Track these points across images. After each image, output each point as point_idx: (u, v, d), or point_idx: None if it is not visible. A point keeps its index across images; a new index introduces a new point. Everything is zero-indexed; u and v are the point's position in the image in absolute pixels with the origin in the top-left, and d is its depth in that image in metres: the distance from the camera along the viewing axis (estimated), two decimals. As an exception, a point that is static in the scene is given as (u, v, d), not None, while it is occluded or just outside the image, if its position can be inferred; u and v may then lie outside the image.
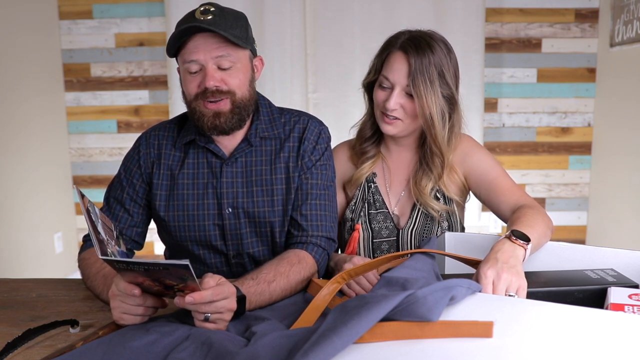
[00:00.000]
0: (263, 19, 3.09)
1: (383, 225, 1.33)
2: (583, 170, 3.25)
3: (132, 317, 0.92)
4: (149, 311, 0.93)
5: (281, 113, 1.32)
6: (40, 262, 3.03)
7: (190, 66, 1.16)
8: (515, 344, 0.65)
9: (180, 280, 0.86)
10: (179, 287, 0.87)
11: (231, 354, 0.74)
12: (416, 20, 3.01)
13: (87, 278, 1.15)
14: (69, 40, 3.24)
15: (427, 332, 0.67)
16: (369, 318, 0.65)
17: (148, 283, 0.88)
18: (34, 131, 3.00)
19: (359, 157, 1.38)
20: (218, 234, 1.26)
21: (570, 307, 0.74)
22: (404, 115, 1.26)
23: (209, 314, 0.89)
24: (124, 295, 0.91)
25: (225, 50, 1.15)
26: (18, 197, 2.87)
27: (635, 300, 0.80)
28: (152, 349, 0.80)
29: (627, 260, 1.00)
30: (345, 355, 0.64)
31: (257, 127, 1.26)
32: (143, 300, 0.91)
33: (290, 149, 1.27)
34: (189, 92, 1.20)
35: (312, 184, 1.26)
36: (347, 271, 1.05)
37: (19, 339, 0.88)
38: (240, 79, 1.19)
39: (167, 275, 0.85)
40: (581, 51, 3.13)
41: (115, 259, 0.87)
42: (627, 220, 2.78)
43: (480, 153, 1.33)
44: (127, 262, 0.85)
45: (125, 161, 1.32)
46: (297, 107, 3.16)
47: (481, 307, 0.75)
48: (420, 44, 1.23)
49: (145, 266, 0.83)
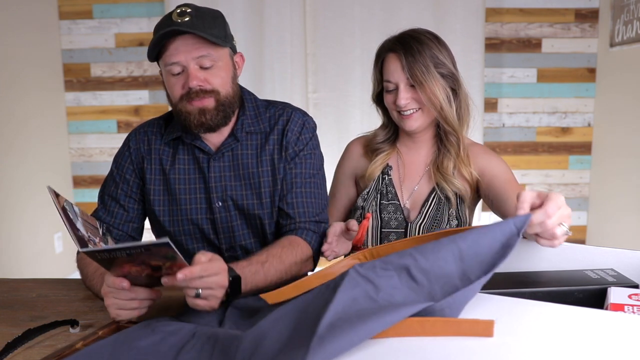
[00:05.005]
0: (263, 19, 3.09)
1: (393, 216, 1.37)
2: (583, 170, 3.25)
3: (127, 312, 0.93)
4: (143, 304, 0.94)
5: (267, 107, 1.33)
6: (40, 262, 3.03)
7: (173, 68, 1.18)
8: (515, 343, 0.65)
9: (165, 259, 0.85)
10: (166, 266, 0.87)
11: (238, 339, 0.74)
12: (416, 20, 3.01)
13: (85, 277, 1.16)
14: (69, 40, 3.24)
15: (428, 329, 0.67)
16: (386, 320, 0.65)
17: (135, 270, 0.88)
18: (34, 131, 3.00)
19: (373, 152, 1.43)
20: (210, 228, 1.28)
21: (570, 307, 0.74)
22: (417, 104, 1.31)
23: (199, 291, 0.90)
24: (116, 291, 0.91)
25: (205, 50, 1.16)
26: (18, 197, 2.87)
27: (635, 300, 0.80)
28: (159, 349, 0.80)
29: (627, 260, 1.00)
30: (347, 351, 0.64)
31: (243, 122, 1.28)
32: (135, 293, 0.92)
33: (275, 142, 1.29)
34: (173, 94, 1.21)
35: (296, 173, 1.28)
36: (370, 250, 1.06)
37: (19, 339, 0.88)
38: (223, 77, 1.21)
39: (151, 257, 0.85)
40: (581, 51, 3.14)
41: (96, 249, 0.87)
42: (627, 220, 2.78)
43: (499, 159, 1.39)
44: (108, 249, 0.84)
45: (117, 158, 1.34)
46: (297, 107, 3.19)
47: (481, 306, 0.75)
48: (405, 39, 1.31)
49: (126, 251, 0.83)
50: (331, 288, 0.74)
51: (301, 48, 3.12)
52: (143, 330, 0.85)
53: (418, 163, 1.41)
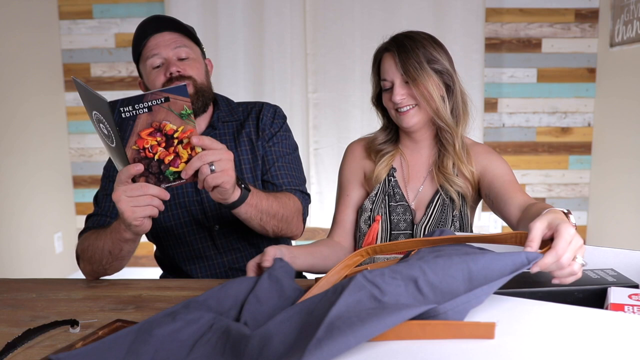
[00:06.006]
0: (263, 19, 3.09)
1: (402, 217, 1.36)
2: (583, 170, 3.25)
3: (142, 209, 1.01)
4: (155, 201, 1.01)
5: (239, 104, 1.48)
6: (40, 262, 3.03)
7: (154, 60, 1.32)
8: (515, 343, 0.65)
9: (180, 119, 0.96)
10: (179, 132, 0.97)
11: (246, 338, 0.75)
12: (416, 21, 3.02)
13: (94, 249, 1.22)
14: (69, 40, 3.24)
15: (429, 332, 0.67)
16: (386, 322, 0.65)
17: (150, 143, 0.97)
18: (34, 131, 3.00)
19: (377, 154, 1.42)
20: (198, 209, 1.37)
21: (570, 307, 0.74)
22: (413, 101, 1.31)
23: (213, 166, 1.01)
24: (128, 189, 0.99)
25: (181, 42, 1.34)
26: (18, 197, 2.87)
27: (635, 300, 0.80)
28: (177, 337, 0.81)
29: (627, 260, 1.00)
30: (345, 353, 0.64)
31: (219, 114, 1.42)
32: (146, 187, 1.00)
33: (251, 126, 1.43)
34: (155, 85, 1.33)
35: (275, 150, 1.42)
36: (373, 247, 1.06)
37: (19, 339, 0.88)
38: (198, 69, 1.35)
39: (169, 115, 0.95)
40: (581, 51, 3.14)
41: (120, 99, 0.93)
42: (627, 220, 2.78)
43: (500, 159, 1.38)
44: (133, 97, 0.93)
45: (106, 166, 1.45)
46: (297, 107, 3.20)
47: (481, 306, 0.75)
48: (399, 38, 1.33)
49: (148, 102, 0.93)
50: (338, 292, 0.75)
51: (301, 48, 3.12)
52: (164, 318, 0.85)
53: (420, 164, 1.41)
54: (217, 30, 3.10)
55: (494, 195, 1.31)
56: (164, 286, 1.18)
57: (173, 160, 1.00)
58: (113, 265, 1.23)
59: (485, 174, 1.35)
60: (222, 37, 3.10)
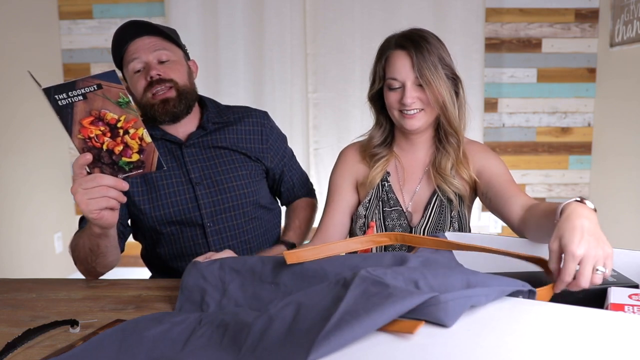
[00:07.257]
0: (263, 19, 3.09)
1: (397, 222, 1.35)
2: (583, 170, 3.25)
3: (96, 201, 0.99)
4: (111, 192, 1.00)
5: (227, 107, 1.51)
6: (40, 262, 3.03)
7: (135, 64, 1.33)
8: (515, 343, 0.65)
9: (119, 108, 0.94)
10: (122, 122, 0.96)
11: (248, 326, 0.75)
12: (416, 21, 3.01)
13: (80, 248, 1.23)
14: (69, 40, 3.24)
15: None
16: (390, 312, 0.66)
17: (95, 133, 0.96)
18: (34, 131, 3.00)
19: (372, 159, 1.39)
20: (191, 206, 1.37)
21: (570, 307, 0.74)
22: (422, 104, 1.29)
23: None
24: (83, 181, 0.99)
25: (161, 45, 1.34)
26: (18, 197, 2.87)
27: (635, 300, 0.80)
28: (168, 336, 0.82)
29: (627, 260, 1.00)
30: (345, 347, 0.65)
31: (209, 116, 1.43)
32: (100, 178, 0.99)
33: (244, 124, 1.47)
34: (137, 90, 1.34)
35: (281, 164, 1.53)
36: (402, 234, 1.07)
37: (19, 339, 0.88)
38: (179, 71, 1.36)
39: (106, 103, 0.94)
40: (581, 51, 3.14)
41: (53, 85, 0.95)
42: (627, 220, 2.78)
43: (497, 158, 1.38)
44: (64, 85, 0.94)
45: None
46: (297, 107, 3.20)
47: (481, 305, 0.75)
48: (413, 37, 1.28)
49: (80, 89, 0.93)
50: (340, 284, 0.77)
51: (301, 48, 3.12)
52: (150, 322, 0.86)
53: (416, 165, 1.39)
54: (217, 30, 3.10)
55: (493, 194, 1.30)
56: (164, 286, 1.18)
57: (124, 150, 1.00)
58: (99, 263, 1.23)
59: (482, 172, 1.34)
60: (222, 37, 3.10)
